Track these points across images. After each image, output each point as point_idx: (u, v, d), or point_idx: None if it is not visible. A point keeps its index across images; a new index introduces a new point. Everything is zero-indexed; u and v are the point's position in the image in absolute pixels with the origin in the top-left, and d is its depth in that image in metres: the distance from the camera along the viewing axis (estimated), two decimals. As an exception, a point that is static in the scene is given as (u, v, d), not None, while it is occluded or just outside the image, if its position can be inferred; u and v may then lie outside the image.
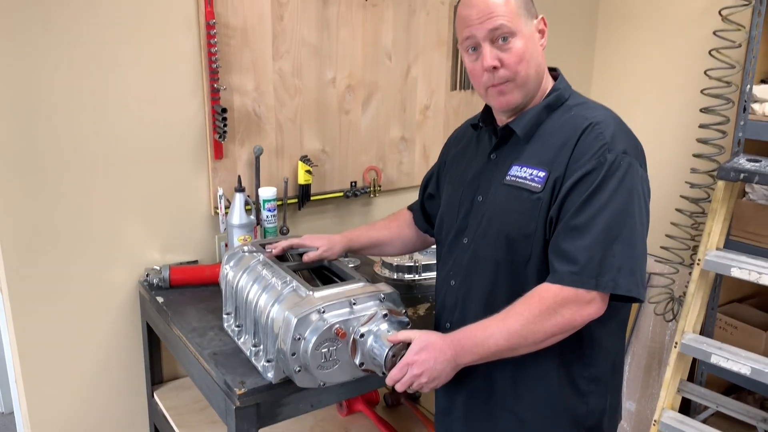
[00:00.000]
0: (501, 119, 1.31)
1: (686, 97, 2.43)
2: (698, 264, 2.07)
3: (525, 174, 1.21)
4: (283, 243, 1.56)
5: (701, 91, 2.25)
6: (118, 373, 1.91)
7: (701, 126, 2.25)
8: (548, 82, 1.27)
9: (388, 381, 1.22)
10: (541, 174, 1.19)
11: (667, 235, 2.37)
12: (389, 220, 1.64)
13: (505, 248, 1.22)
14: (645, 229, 1.16)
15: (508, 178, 1.24)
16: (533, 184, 1.19)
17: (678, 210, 2.35)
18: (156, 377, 1.96)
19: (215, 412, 1.47)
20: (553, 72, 1.31)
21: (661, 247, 2.42)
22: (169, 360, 1.98)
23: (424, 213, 1.58)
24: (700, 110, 2.25)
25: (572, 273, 1.12)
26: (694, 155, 2.28)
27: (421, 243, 1.63)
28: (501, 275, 1.24)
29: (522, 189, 1.21)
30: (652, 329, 2.57)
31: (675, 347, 2.10)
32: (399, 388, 1.21)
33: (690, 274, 2.14)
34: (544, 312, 1.12)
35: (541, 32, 1.24)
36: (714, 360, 1.99)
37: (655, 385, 2.55)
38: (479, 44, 1.20)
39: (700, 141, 2.27)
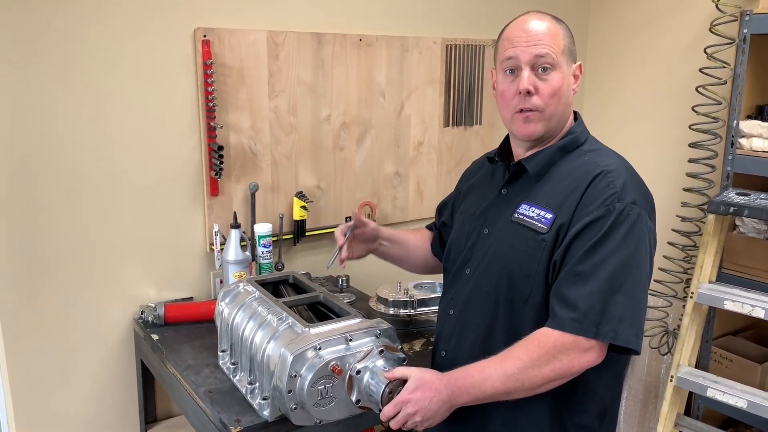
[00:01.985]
0: (518, 153, 1.32)
1: (675, 132, 2.48)
2: (691, 297, 2.08)
3: (533, 213, 1.22)
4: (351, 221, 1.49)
5: (689, 127, 2.29)
6: (112, 412, 1.89)
7: (690, 160, 2.29)
8: (570, 121, 1.29)
9: (383, 417, 1.21)
10: (549, 216, 1.19)
11: (659, 268, 2.39)
12: (412, 231, 1.62)
13: (505, 285, 1.23)
14: (648, 280, 1.17)
15: (516, 215, 1.25)
16: (539, 224, 1.20)
17: (670, 243, 2.38)
18: (150, 415, 1.94)
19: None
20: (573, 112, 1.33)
21: (655, 280, 2.43)
22: (163, 398, 1.96)
23: (441, 239, 1.56)
24: (689, 145, 2.29)
25: (573, 320, 1.11)
26: (685, 189, 2.31)
27: (436, 265, 1.59)
28: (499, 310, 1.24)
29: (528, 228, 1.21)
30: (647, 363, 2.56)
31: (671, 381, 2.10)
32: (393, 425, 1.20)
33: (684, 307, 2.15)
34: (543, 357, 1.12)
35: (576, 77, 1.26)
36: (710, 393, 1.99)
37: (653, 419, 2.53)
38: (519, 67, 1.21)
39: (690, 175, 2.31)
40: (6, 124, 1.60)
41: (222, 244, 1.91)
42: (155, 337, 1.72)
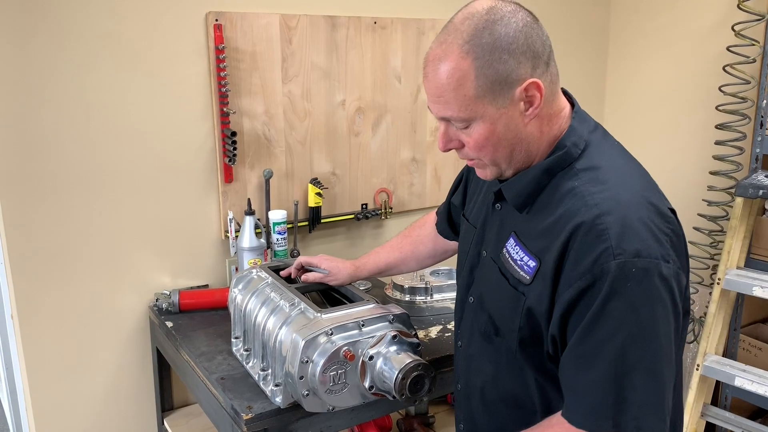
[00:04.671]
0: None
1: (701, 113, 2.40)
2: (718, 283, 2.02)
3: (517, 257, 1.04)
4: (300, 259, 1.56)
5: (716, 108, 2.22)
6: (128, 400, 1.90)
7: (717, 143, 2.22)
8: (556, 130, 1.03)
9: None
10: (532, 264, 1.00)
11: (685, 255, 2.33)
12: (402, 237, 1.56)
13: (494, 334, 1.10)
14: (673, 347, 0.94)
15: (504, 251, 1.07)
16: (522, 273, 1.02)
17: (696, 228, 2.31)
18: (166, 404, 1.94)
19: (224, 439, 1.44)
20: (570, 99, 1.08)
21: (680, 267, 2.37)
22: (179, 386, 1.96)
23: (450, 219, 1.44)
24: (716, 127, 2.22)
25: (586, 413, 0.94)
26: (711, 173, 2.25)
27: (440, 255, 1.52)
28: (500, 356, 1.10)
29: (511, 275, 1.04)
30: (673, 352, 2.50)
31: (697, 370, 2.05)
32: None
33: (710, 294, 2.09)
34: None
35: (529, 101, 0.98)
36: (738, 383, 1.93)
37: (678, 410, 2.47)
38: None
39: (717, 158, 2.24)
40: (17, 113, 1.60)
41: (237, 231, 1.90)
42: (169, 324, 1.72)
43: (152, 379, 1.92)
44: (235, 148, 1.85)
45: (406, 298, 1.85)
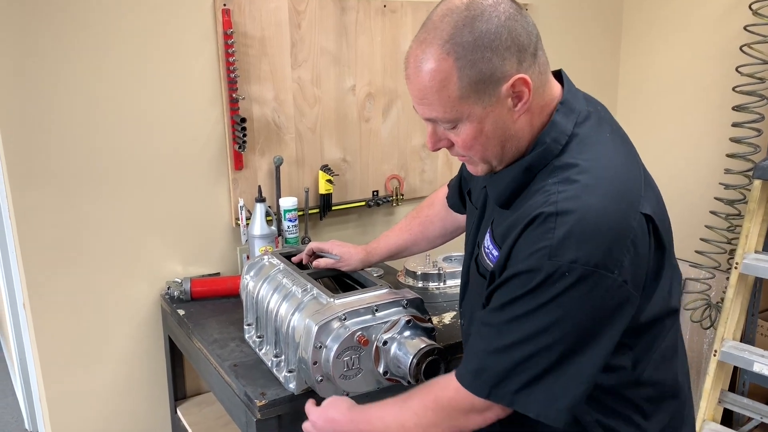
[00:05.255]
0: None
1: (718, 95, 2.36)
2: (736, 268, 1.99)
3: (487, 247, 1.05)
4: (312, 244, 1.55)
5: (733, 89, 2.18)
6: (141, 389, 1.90)
7: (734, 125, 2.18)
8: (541, 124, 1.00)
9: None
10: (495, 253, 1.01)
11: (701, 239, 2.29)
12: (411, 218, 1.54)
13: None
14: (595, 356, 0.92)
15: (484, 244, 1.07)
16: (487, 261, 1.04)
17: (712, 212, 2.28)
18: (179, 392, 1.93)
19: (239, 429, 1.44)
20: (561, 78, 1.04)
21: (696, 252, 2.34)
22: (192, 375, 1.96)
23: (461, 193, 1.39)
24: (733, 108, 2.18)
25: (470, 374, 0.97)
26: (728, 155, 2.21)
27: (450, 233, 1.50)
28: None
29: (480, 263, 1.07)
30: (689, 338, 2.47)
31: (714, 355, 2.02)
32: None
33: (727, 279, 2.06)
34: (438, 416, 1.00)
35: (517, 97, 0.94)
36: (757, 368, 1.90)
37: (695, 396, 2.45)
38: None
39: (734, 140, 2.20)
40: (26, 101, 1.59)
41: (247, 219, 1.89)
42: (181, 312, 1.71)
43: (165, 367, 1.91)
44: (245, 135, 1.84)
45: (419, 285, 1.83)
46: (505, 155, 1.00)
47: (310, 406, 1.21)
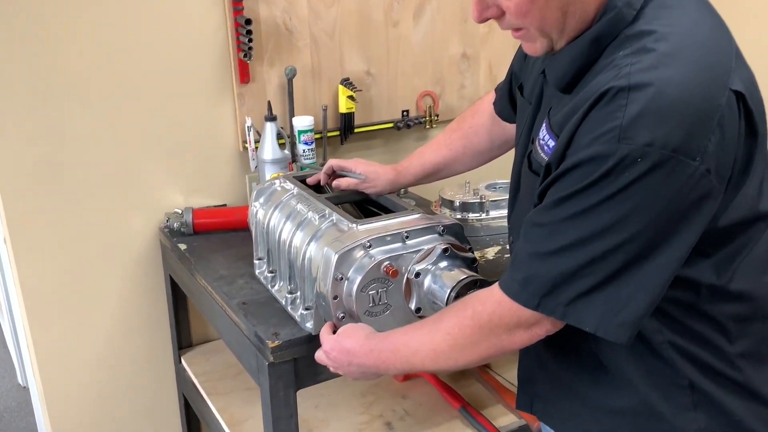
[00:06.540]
0: None
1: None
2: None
3: (542, 138, 1.00)
4: (331, 162, 1.51)
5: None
6: (140, 335, 1.90)
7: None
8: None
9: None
10: (551, 144, 0.97)
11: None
12: (450, 131, 1.48)
13: None
14: (647, 261, 0.87)
15: (538, 138, 1.02)
16: (542, 154, 0.99)
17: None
18: (183, 340, 1.94)
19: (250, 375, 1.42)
20: None
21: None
22: (198, 321, 1.96)
23: (510, 94, 1.35)
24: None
25: (516, 282, 0.94)
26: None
27: (498, 148, 1.45)
28: None
29: (534, 159, 1.02)
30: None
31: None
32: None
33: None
34: (477, 334, 0.98)
35: None
36: None
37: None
38: None
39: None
40: (12, 15, 1.55)
41: (256, 141, 1.84)
42: (183, 247, 1.69)
43: (166, 311, 1.91)
44: (250, 41, 1.77)
45: (458, 216, 1.78)
46: (567, 25, 0.93)
47: (325, 332, 1.20)
